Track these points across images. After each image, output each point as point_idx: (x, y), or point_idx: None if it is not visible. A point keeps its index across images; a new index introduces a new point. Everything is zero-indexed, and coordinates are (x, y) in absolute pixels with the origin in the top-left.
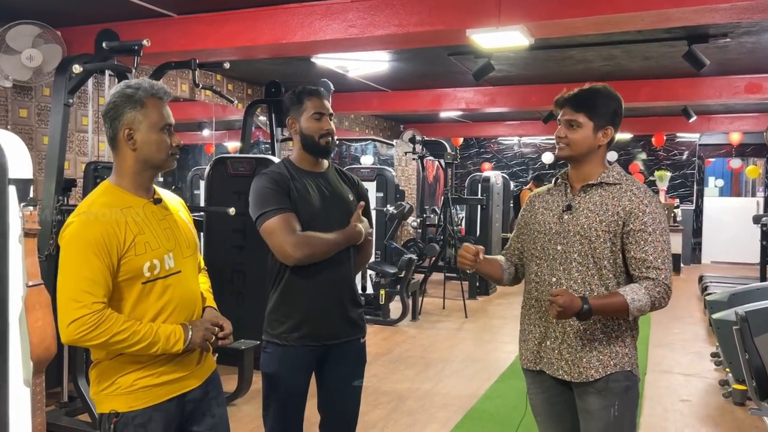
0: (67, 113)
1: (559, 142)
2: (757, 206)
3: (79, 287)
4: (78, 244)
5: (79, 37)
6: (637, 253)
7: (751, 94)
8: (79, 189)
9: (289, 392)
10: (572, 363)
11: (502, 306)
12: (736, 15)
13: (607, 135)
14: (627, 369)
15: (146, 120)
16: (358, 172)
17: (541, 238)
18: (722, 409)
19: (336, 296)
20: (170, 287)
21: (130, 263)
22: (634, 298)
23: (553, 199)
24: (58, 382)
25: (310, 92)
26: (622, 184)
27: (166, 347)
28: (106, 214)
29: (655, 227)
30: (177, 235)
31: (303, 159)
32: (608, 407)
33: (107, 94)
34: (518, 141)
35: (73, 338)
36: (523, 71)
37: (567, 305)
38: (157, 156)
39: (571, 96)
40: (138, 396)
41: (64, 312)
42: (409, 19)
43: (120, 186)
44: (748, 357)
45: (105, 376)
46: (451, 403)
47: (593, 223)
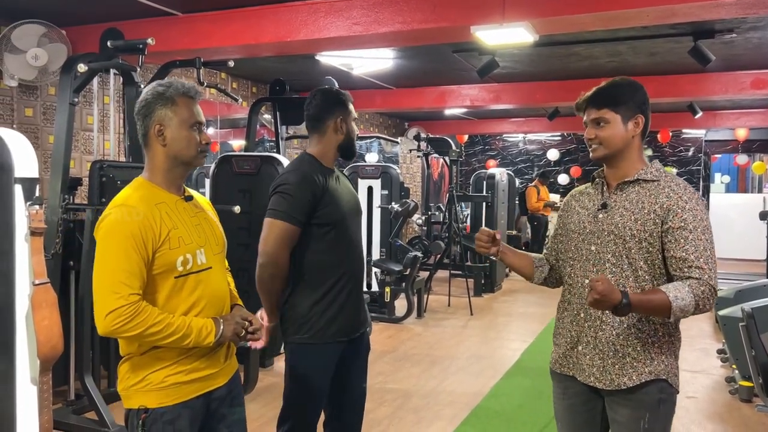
0: (73, 112)
1: (590, 144)
2: (764, 202)
3: (117, 278)
4: (116, 236)
5: (84, 37)
6: (678, 252)
7: (757, 90)
8: (85, 188)
9: (318, 392)
10: (604, 370)
11: (507, 303)
12: (742, 10)
13: (638, 124)
14: (662, 377)
15: (176, 117)
16: (363, 169)
17: (575, 238)
18: (729, 406)
19: (357, 291)
20: (201, 283)
21: (164, 257)
22: (677, 296)
23: (590, 198)
24: (65, 380)
25: (350, 98)
26: (660, 180)
27: (198, 340)
28: (143, 207)
29: (696, 225)
30: (207, 232)
31: (330, 157)
32: (638, 420)
33: (143, 92)
34: (523, 138)
35: (110, 329)
36: (528, 68)
37: (605, 293)
38: (186, 152)
39: (592, 95)
40: (168, 392)
41: (102, 303)
42: (413, 16)
43: (152, 182)
44: (755, 353)
45: (135, 371)
46: (457, 401)
47: (628, 222)
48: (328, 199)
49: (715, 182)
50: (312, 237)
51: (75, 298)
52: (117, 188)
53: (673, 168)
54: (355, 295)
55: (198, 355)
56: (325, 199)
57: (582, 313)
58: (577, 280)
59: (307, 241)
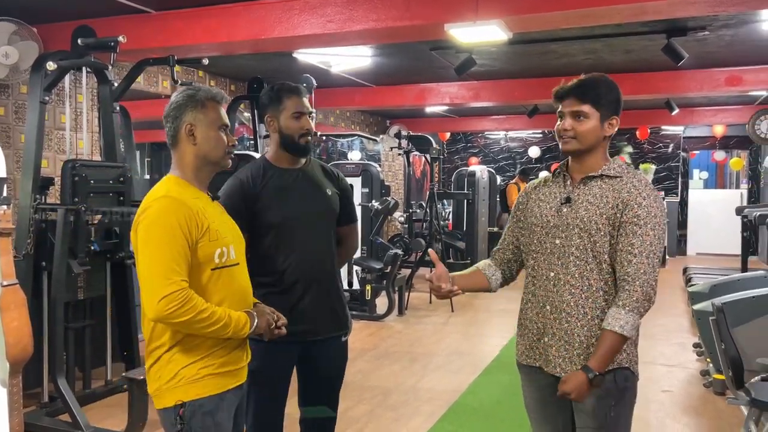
0: (44, 111)
1: (563, 135)
2: (741, 198)
3: (168, 265)
4: (163, 225)
5: (55, 34)
6: (624, 245)
7: (731, 87)
8: (58, 187)
9: (270, 388)
10: (569, 360)
11: (488, 300)
12: (711, 8)
13: (612, 126)
14: (625, 365)
15: (206, 118)
16: (344, 167)
17: (538, 231)
18: (703, 399)
19: (314, 293)
20: (232, 277)
21: (205, 248)
22: (622, 324)
23: (551, 191)
24: (39, 382)
25: (290, 90)
26: (623, 176)
27: (236, 330)
28: (185, 198)
29: (648, 221)
30: (233, 230)
31: (280, 157)
32: (605, 407)
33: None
34: (505, 135)
35: (164, 314)
36: (506, 65)
37: (576, 389)
38: (215, 152)
39: (575, 85)
40: (205, 383)
41: (154, 289)
42: (387, 14)
43: (184, 179)
44: (725, 347)
45: (167, 369)
46: (436, 398)
47: (593, 215)
48: (267, 202)
49: (694, 178)
50: (257, 239)
51: (47, 298)
52: (90, 188)
53: (652, 164)
54: (310, 298)
55: (227, 350)
56: (261, 202)
57: (548, 306)
58: (541, 273)
59: (254, 244)
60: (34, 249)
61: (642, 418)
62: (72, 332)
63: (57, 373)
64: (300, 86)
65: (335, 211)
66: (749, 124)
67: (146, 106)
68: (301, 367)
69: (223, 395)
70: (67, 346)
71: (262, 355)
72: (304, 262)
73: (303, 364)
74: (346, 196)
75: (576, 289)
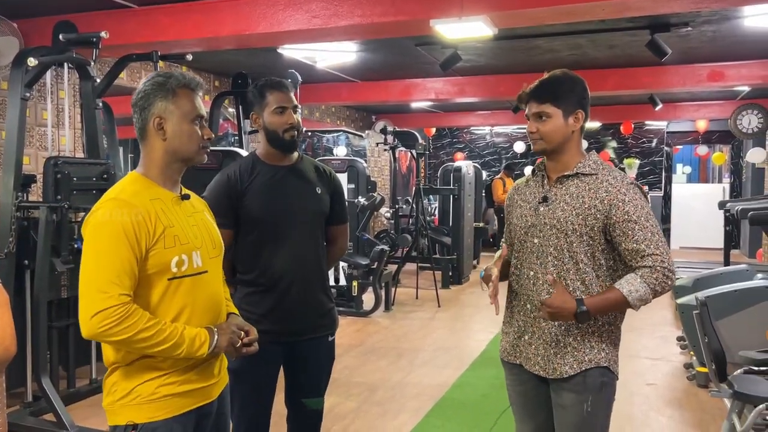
0: (25, 107)
1: (531, 137)
2: (723, 192)
3: (106, 277)
4: (106, 232)
5: (37, 29)
6: (629, 244)
7: (713, 82)
8: (40, 185)
9: (254, 386)
10: (547, 359)
11: (474, 295)
12: (694, 4)
13: (578, 119)
14: (603, 365)
15: (178, 110)
16: (330, 163)
17: (519, 231)
18: (687, 392)
19: (300, 292)
20: (196, 287)
21: (157, 256)
22: (631, 289)
23: (531, 191)
24: (22, 381)
25: (272, 85)
26: (598, 174)
27: (191, 350)
28: (137, 201)
29: (639, 214)
30: (204, 233)
31: (268, 153)
32: (582, 402)
33: (141, 83)
34: (490, 131)
35: (96, 332)
36: (492, 61)
37: (558, 308)
38: (187, 147)
39: (533, 89)
40: (159, 405)
41: (88, 303)
42: (372, 10)
43: (148, 177)
44: (708, 340)
45: (123, 383)
46: (423, 393)
47: (569, 216)
48: (253, 198)
49: (677, 173)
50: (242, 236)
51: (30, 297)
52: (72, 185)
53: (636, 159)
54: (295, 298)
55: (191, 366)
56: (247, 198)
57: (528, 305)
58: (522, 272)
59: (240, 241)
60: (16, 247)
61: (626, 411)
62: (56, 331)
63: (41, 372)
64: (283, 81)
65: (324, 210)
66: (731, 119)
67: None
68: (288, 366)
69: (180, 418)
70: (50, 345)
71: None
72: (289, 260)
73: (289, 363)
74: (337, 195)
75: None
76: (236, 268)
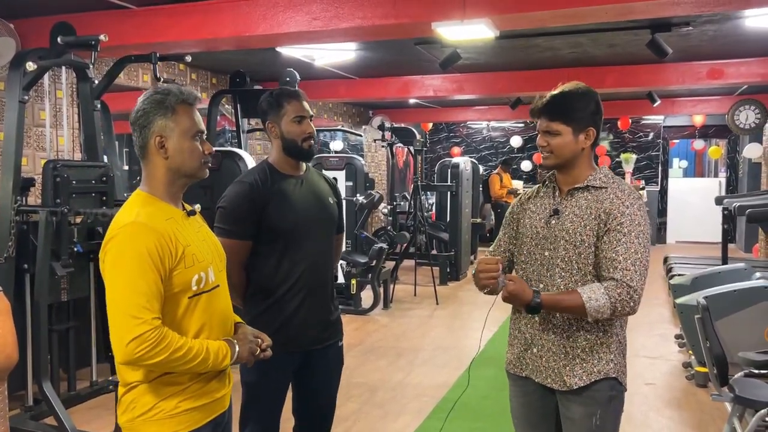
0: (23, 110)
1: (542, 151)
2: (720, 186)
3: (137, 302)
4: (131, 256)
5: (34, 29)
6: (609, 253)
7: (713, 80)
8: (39, 187)
9: (269, 398)
10: (557, 371)
11: (472, 292)
12: (697, 8)
13: (589, 137)
14: (612, 376)
15: (178, 127)
16: (327, 161)
17: (528, 242)
18: (686, 392)
19: (316, 302)
20: (212, 302)
21: (180, 276)
22: (591, 297)
23: (542, 203)
24: (23, 385)
25: (290, 94)
26: (608, 187)
27: (216, 363)
28: (155, 223)
29: (632, 229)
30: (211, 248)
31: (284, 162)
32: (591, 416)
33: (139, 101)
34: (487, 125)
35: (134, 357)
36: (491, 59)
37: (516, 293)
38: (189, 164)
39: (545, 105)
40: (181, 420)
41: (122, 329)
42: (373, 12)
43: (155, 195)
44: (709, 345)
45: (143, 400)
46: (423, 394)
47: (578, 227)
48: (274, 208)
49: (674, 167)
50: (260, 246)
51: (30, 301)
52: (72, 188)
53: (633, 154)
54: (309, 307)
55: (209, 377)
56: (269, 208)
57: (536, 317)
58: (531, 284)
59: (258, 251)
60: (15, 251)
61: (626, 411)
62: (56, 334)
63: (41, 375)
64: (300, 90)
65: (335, 219)
66: (729, 115)
67: (126, 97)
68: (299, 375)
69: (199, 430)
70: (51, 349)
71: (262, 370)
72: (306, 270)
73: (301, 372)
74: (340, 205)
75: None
76: (250, 277)
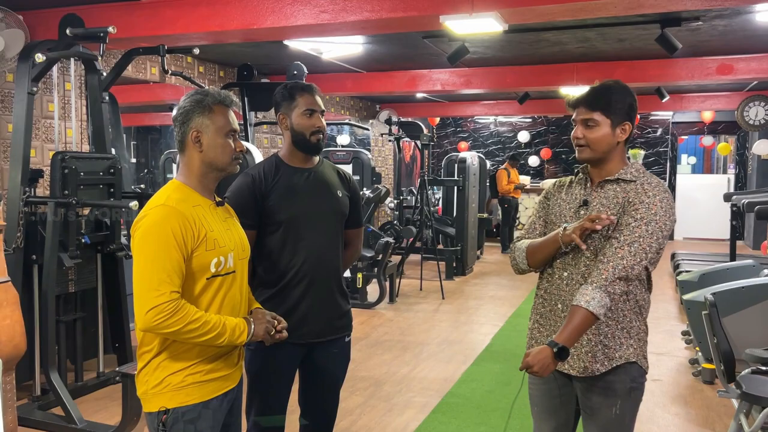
0: (32, 102)
1: (577, 143)
2: (728, 183)
3: (159, 277)
4: (157, 235)
5: (42, 21)
6: (615, 233)
7: (723, 75)
8: (47, 179)
9: (273, 387)
10: (577, 357)
11: (478, 286)
12: (707, 2)
13: (625, 131)
14: (632, 360)
15: (213, 124)
16: (334, 154)
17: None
18: (692, 388)
19: (320, 294)
20: (226, 285)
21: (200, 257)
22: (588, 300)
23: (573, 193)
24: (30, 375)
25: (303, 88)
26: (638, 180)
27: (232, 339)
28: (182, 207)
29: (645, 216)
30: (235, 237)
31: (293, 155)
32: (611, 406)
33: (181, 100)
34: (494, 120)
35: (151, 325)
36: (499, 53)
37: (540, 362)
38: (221, 159)
39: (586, 95)
40: (188, 392)
41: (144, 300)
42: (381, 5)
43: (188, 185)
44: (717, 341)
45: (154, 375)
46: (428, 388)
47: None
48: (277, 199)
49: (682, 163)
50: (264, 237)
51: (38, 292)
52: (80, 180)
53: (641, 150)
54: (312, 299)
55: (215, 357)
56: (270, 198)
57: (559, 304)
58: (555, 272)
59: (261, 241)
60: (24, 242)
61: None
62: (63, 325)
63: (49, 366)
64: (313, 85)
65: (344, 213)
66: (738, 111)
67: (134, 90)
68: (304, 366)
69: (208, 403)
70: (58, 339)
71: (265, 359)
72: (310, 262)
73: (306, 363)
74: (355, 199)
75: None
76: (256, 269)
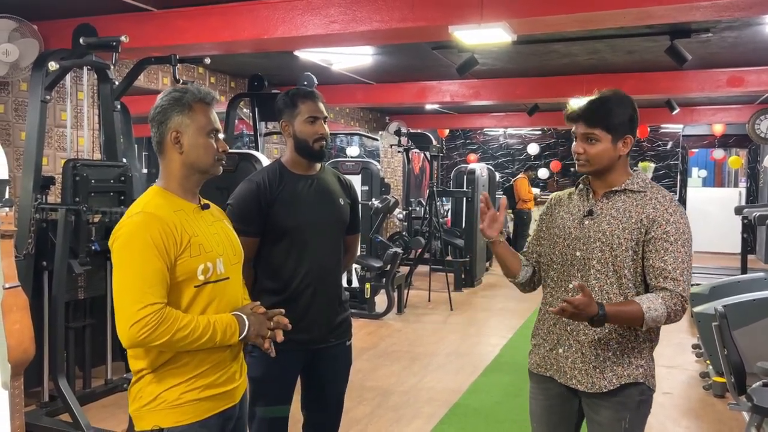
0: (45, 110)
1: (578, 158)
2: (740, 196)
3: (140, 288)
4: (137, 244)
5: (56, 32)
6: (656, 262)
7: (733, 88)
8: (58, 187)
9: (276, 394)
10: (586, 373)
11: (487, 298)
12: (717, 13)
13: (627, 144)
14: (641, 381)
15: (193, 124)
16: (343, 165)
17: (560, 243)
18: (703, 402)
19: (323, 301)
20: (218, 293)
21: (185, 264)
22: (650, 307)
23: (575, 204)
24: (39, 381)
25: (305, 95)
26: (647, 191)
27: (224, 339)
28: (162, 213)
29: (678, 237)
30: (224, 241)
31: (296, 162)
32: (619, 421)
33: (158, 98)
34: (504, 132)
35: (136, 340)
36: (508, 65)
37: (583, 306)
38: (203, 160)
39: (584, 110)
40: (185, 410)
41: (125, 314)
42: (391, 15)
43: (168, 190)
44: (727, 353)
45: (148, 390)
46: (436, 398)
47: (616, 230)
48: (280, 207)
49: (693, 176)
50: (268, 244)
51: (48, 298)
52: (91, 187)
53: (651, 162)
54: (316, 306)
55: (214, 372)
56: (276, 206)
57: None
58: (560, 284)
59: (265, 249)
60: (34, 248)
61: None
62: (72, 332)
63: (57, 372)
64: (315, 91)
65: (346, 221)
66: (749, 124)
67: (145, 100)
68: (307, 373)
69: (205, 422)
70: (67, 346)
71: (267, 365)
72: (313, 270)
73: (309, 370)
74: (355, 206)
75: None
76: (258, 276)
